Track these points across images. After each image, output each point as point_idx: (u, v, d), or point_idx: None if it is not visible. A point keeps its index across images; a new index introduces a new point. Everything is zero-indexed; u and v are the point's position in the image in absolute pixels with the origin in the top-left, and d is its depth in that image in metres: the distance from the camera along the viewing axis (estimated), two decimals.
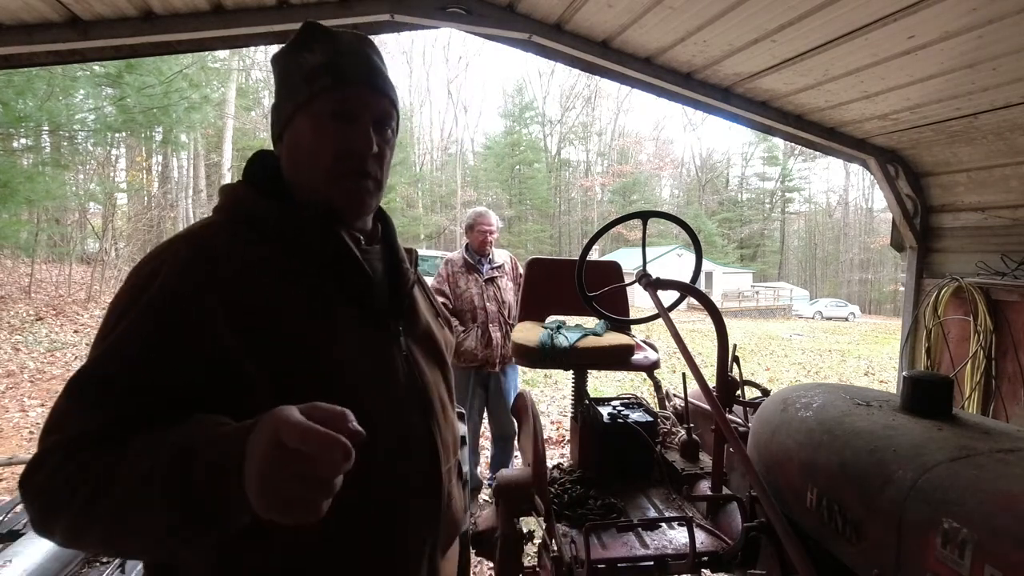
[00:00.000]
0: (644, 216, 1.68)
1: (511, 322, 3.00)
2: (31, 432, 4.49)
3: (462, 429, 1.03)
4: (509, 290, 3.10)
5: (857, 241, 42.05)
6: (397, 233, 0.93)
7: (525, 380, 6.51)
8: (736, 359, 1.52)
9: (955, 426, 0.79)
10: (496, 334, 2.98)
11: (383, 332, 0.80)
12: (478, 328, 2.96)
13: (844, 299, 32.05)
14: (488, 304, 2.99)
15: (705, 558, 1.43)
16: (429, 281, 3.12)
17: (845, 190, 45.60)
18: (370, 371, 0.75)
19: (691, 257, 2.61)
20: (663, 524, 1.58)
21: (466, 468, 1.25)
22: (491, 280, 3.04)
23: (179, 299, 0.65)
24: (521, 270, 3.00)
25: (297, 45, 0.81)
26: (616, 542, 1.49)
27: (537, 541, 1.81)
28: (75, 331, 8.41)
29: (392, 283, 0.86)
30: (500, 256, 3.16)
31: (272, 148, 0.85)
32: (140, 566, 1.51)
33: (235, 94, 17.06)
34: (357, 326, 0.77)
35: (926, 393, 0.83)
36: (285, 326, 0.69)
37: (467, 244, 3.15)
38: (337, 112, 0.77)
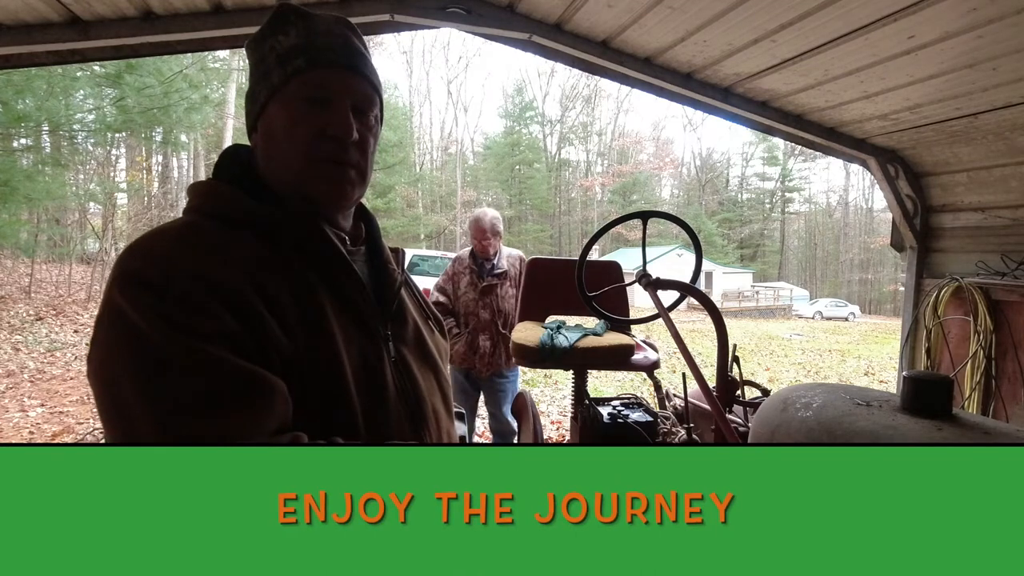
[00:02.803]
0: (644, 216, 1.68)
1: (504, 331, 2.91)
2: (31, 432, 4.48)
3: (462, 430, 1.02)
4: (509, 298, 2.97)
5: (857, 241, 42.06)
6: (382, 232, 0.88)
7: (525, 380, 6.51)
8: (736, 359, 1.52)
9: (955, 426, 0.79)
10: (485, 343, 2.90)
11: (371, 337, 0.75)
12: (468, 334, 2.93)
13: (844, 299, 32.05)
14: (481, 312, 2.92)
15: None
16: (436, 280, 3.13)
17: (845, 190, 45.66)
18: (360, 379, 0.70)
19: (691, 257, 2.61)
20: None
21: None
22: (489, 288, 2.94)
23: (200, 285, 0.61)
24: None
25: (271, 28, 0.74)
26: None
27: None
28: (75, 331, 8.41)
29: (378, 286, 0.81)
30: (506, 261, 3.01)
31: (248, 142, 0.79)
32: None
33: (235, 94, 17.00)
34: (345, 331, 0.71)
35: (926, 393, 0.83)
36: (280, 328, 0.64)
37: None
38: (312, 97, 0.71)
